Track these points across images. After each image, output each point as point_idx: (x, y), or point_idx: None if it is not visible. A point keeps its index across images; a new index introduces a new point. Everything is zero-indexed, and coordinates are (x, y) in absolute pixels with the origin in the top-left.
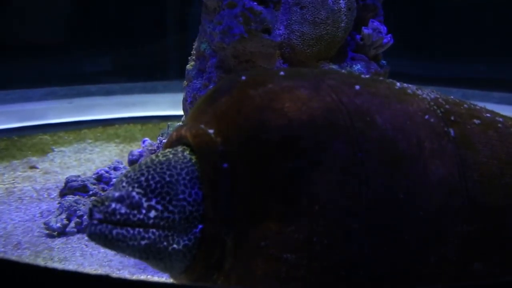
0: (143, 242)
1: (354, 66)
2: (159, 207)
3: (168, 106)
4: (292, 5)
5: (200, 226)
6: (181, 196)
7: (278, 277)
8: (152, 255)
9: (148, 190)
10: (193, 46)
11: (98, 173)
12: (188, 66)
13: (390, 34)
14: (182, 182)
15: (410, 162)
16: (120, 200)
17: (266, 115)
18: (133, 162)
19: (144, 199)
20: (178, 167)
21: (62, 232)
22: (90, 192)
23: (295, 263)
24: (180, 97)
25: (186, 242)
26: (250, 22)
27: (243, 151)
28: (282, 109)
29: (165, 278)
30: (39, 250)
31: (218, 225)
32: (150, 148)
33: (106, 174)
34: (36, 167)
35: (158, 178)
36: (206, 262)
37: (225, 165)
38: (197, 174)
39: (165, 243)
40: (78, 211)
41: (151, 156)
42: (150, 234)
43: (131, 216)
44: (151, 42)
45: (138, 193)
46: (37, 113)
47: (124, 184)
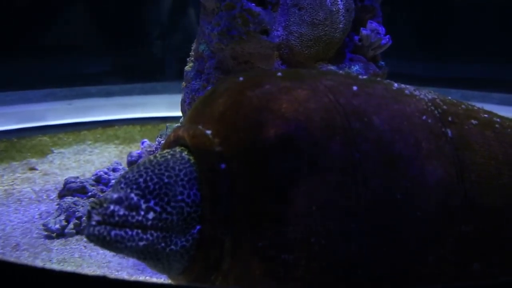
0: (141, 244)
1: (353, 67)
2: (158, 209)
3: (166, 107)
4: (290, 6)
5: (198, 227)
6: (179, 197)
7: (277, 277)
8: (150, 256)
9: (146, 191)
10: (191, 47)
11: (97, 174)
12: (186, 67)
13: (388, 35)
14: (180, 183)
15: (407, 162)
16: (118, 201)
17: (263, 116)
18: (132, 163)
19: (142, 201)
20: (177, 168)
21: (61, 233)
22: (89, 193)
23: (294, 264)
24: (178, 98)
25: (184, 243)
26: (249, 24)
27: (241, 152)
28: (279, 109)
29: (163, 279)
30: (38, 251)
31: (216, 225)
32: (149, 149)
33: (105, 175)
34: (35, 169)
35: (156, 180)
36: (204, 263)
37: (223, 165)
38: (195, 175)
39: (163, 244)
40: (77, 213)
41: (149, 157)
42: (148, 236)
43: (130, 217)
44: (150, 43)
45: (136, 194)
46: (36, 114)
47: (122, 185)
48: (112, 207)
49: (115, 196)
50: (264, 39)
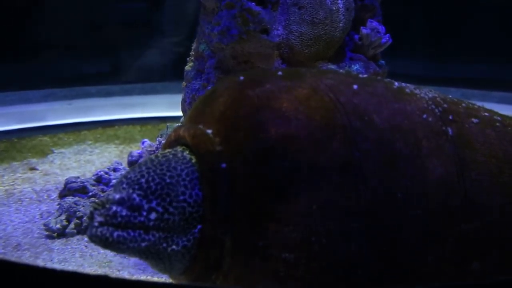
0: (143, 244)
1: (353, 66)
2: (160, 209)
3: (167, 107)
4: (290, 5)
5: (199, 226)
6: (181, 197)
7: (277, 276)
8: (151, 256)
9: (148, 192)
10: (191, 47)
11: (97, 174)
12: (186, 67)
13: (388, 34)
14: (182, 183)
15: (408, 161)
16: (121, 202)
17: (264, 115)
18: (132, 163)
19: (144, 201)
20: (178, 168)
21: (62, 233)
22: (90, 193)
23: (294, 263)
24: (179, 98)
25: (185, 243)
26: (248, 23)
27: (241, 151)
28: (280, 109)
29: (164, 279)
30: (39, 251)
31: (216, 225)
32: (149, 149)
33: (106, 175)
34: (36, 169)
35: (158, 180)
36: (205, 263)
37: (223, 165)
38: (197, 175)
39: (164, 245)
40: (77, 212)
41: (151, 156)
42: (150, 236)
43: (132, 218)
44: (150, 43)
45: (138, 195)
46: (36, 114)
47: (124, 185)
48: (114, 208)
49: (117, 196)
50: (264, 39)
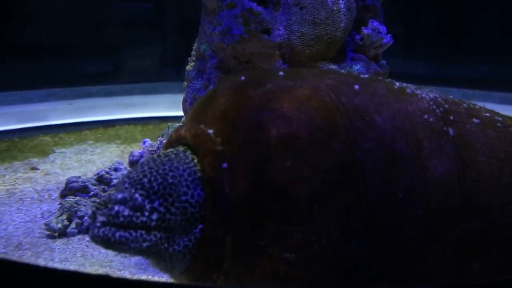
0: (145, 245)
1: (354, 66)
2: (162, 209)
3: (168, 107)
4: (291, 5)
5: (200, 226)
6: (183, 198)
7: (277, 276)
8: (152, 256)
9: (151, 192)
10: (192, 47)
11: (98, 174)
12: (188, 67)
13: (389, 34)
14: (184, 183)
15: (408, 161)
16: (123, 202)
17: (265, 115)
18: (133, 163)
19: (147, 201)
20: (181, 168)
21: (63, 233)
22: (91, 193)
23: (294, 263)
24: (180, 98)
25: (187, 243)
26: (250, 23)
27: (242, 151)
28: (281, 109)
29: (165, 278)
30: (40, 251)
31: (217, 225)
32: (150, 149)
33: (107, 175)
34: (37, 168)
35: (161, 180)
36: (206, 262)
37: (224, 165)
38: (199, 175)
39: (166, 245)
40: (79, 212)
41: (153, 156)
42: (152, 236)
43: (134, 218)
44: (151, 43)
45: (141, 195)
46: (38, 114)
47: (126, 185)
48: (116, 208)
49: (120, 196)
50: (265, 39)
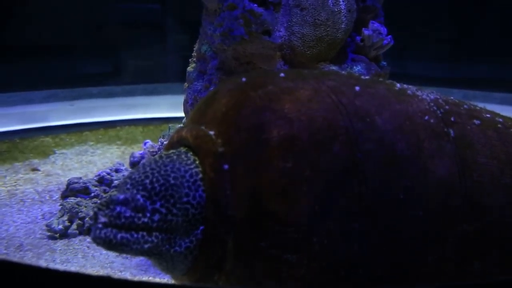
0: (146, 246)
1: (355, 67)
2: (163, 210)
3: (169, 108)
4: (292, 6)
5: (201, 227)
6: (185, 199)
7: (279, 277)
8: (154, 256)
9: (152, 193)
10: (193, 48)
11: (99, 175)
12: (188, 68)
13: (390, 35)
14: (186, 184)
15: (409, 162)
16: (125, 203)
17: (266, 116)
18: (134, 164)
19: (148, 202)
20: (182, 169)
21: (64, 234)
22: (92, 194)
23: (295, 263)
24: (181, 99)
25: (188, 244)
26: (251, 24)
27: (244, 152)
28: (281, 110)
29: (166, 279)
30: (41, 252)
31: (218, 226)
32: (151, 150)
33: (108, 176)
34: (38, 169)
35: (163, 181)
36: (207, 263)
37: (225, 166)
38: (200, 176)
39: (167, 246)
40: (80, 213)
41: (155, 157)
42: (153, 238)
43: (136, 219)
44: (152, 44)
45: (142, 196)
46: (38, 115)
47: (128, 186)
48: (118, 209)
49: (122, 197)
50: (266, 40)
